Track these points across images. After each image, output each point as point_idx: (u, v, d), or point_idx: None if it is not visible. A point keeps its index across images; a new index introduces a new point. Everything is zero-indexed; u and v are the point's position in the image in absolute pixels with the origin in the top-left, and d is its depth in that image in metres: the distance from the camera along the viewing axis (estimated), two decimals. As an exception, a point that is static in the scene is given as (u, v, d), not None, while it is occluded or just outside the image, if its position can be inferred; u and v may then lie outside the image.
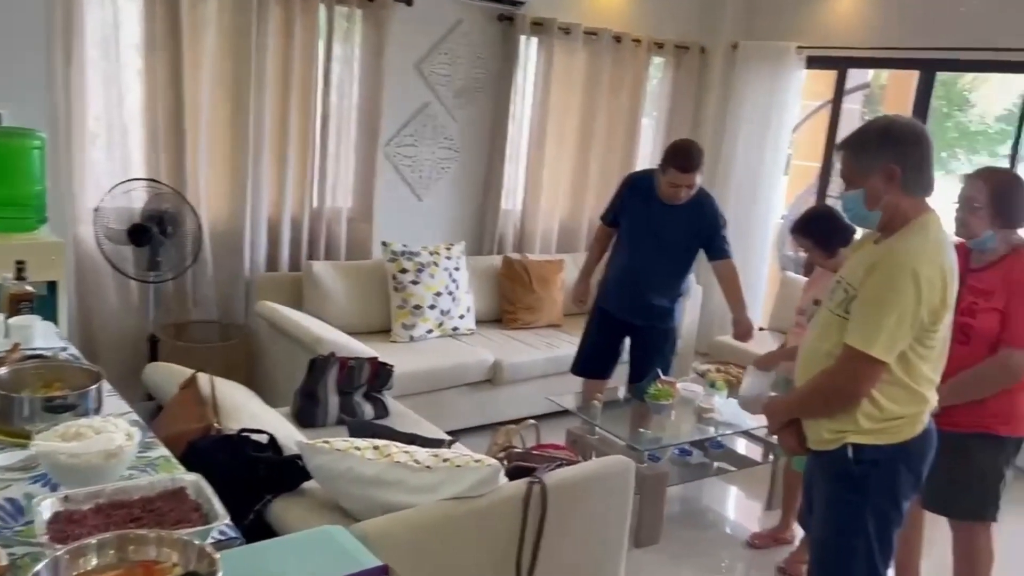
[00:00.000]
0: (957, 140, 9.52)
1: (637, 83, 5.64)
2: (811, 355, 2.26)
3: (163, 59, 3.93)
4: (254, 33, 4.10)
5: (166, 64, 3.94)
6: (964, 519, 2.80)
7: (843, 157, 2.20)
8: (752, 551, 3.58)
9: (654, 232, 3.79)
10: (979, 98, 9.84)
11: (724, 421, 3.67)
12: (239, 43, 4.11)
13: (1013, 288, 2.59)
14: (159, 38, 3.90)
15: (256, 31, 4.10)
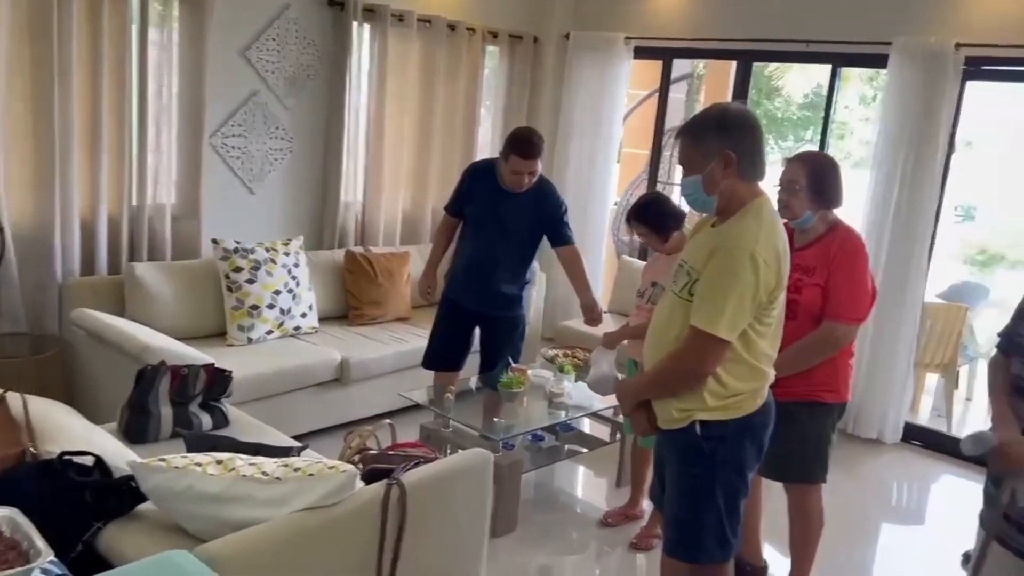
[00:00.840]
0: (767, 127, 10.21)
1: (473, 72, 5.62)
2: (659, 337, 2.32)
3: (-54, 42, 3.50)
4: (56, 15, 3.72)
5: (-50, 48, 3.51)
6: (797, 482, 2.99)
7: (681, 144, 2.26)
8: (605, 529, 3.67)
9: (498, 220, 3.79)
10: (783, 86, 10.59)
11: (574, 404, 3.73)
12: (37, 25, 3.72)
13: (832, 264, 2.78)
14: (-60, 18, 3.47)
15: (58, 13, 3.73)
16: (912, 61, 4.46)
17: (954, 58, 4.35)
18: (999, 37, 4.24)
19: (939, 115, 4.42)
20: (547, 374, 3.94)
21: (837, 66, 5.00)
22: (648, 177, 6.03)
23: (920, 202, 4.55)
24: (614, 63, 5.75)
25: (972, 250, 10.60)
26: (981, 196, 11.12)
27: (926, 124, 4.46)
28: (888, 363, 4.73)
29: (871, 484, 4.47)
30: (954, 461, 4.64)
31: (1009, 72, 4.56)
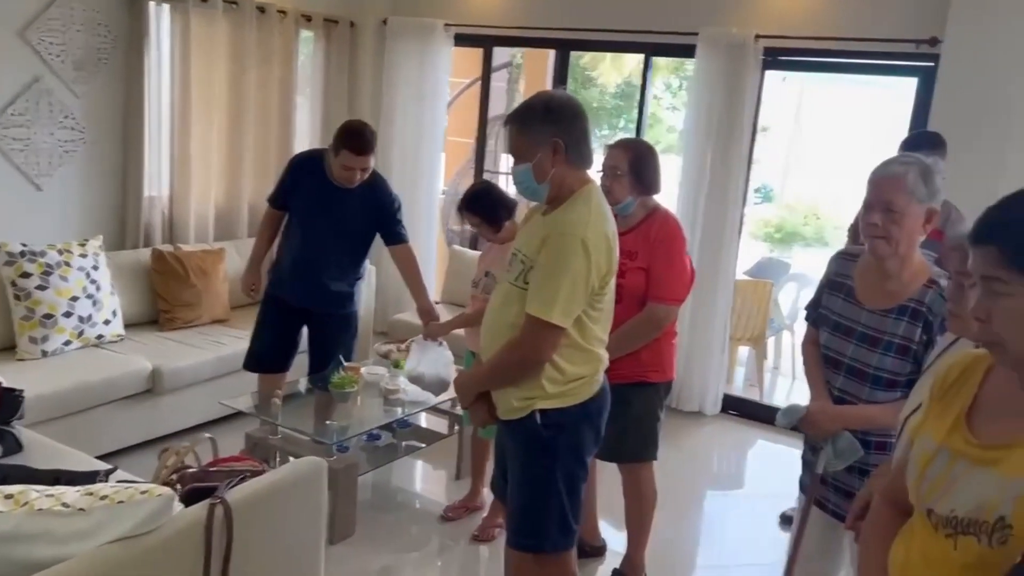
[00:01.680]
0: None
1: (287, 57, 5.36)
2: (495, 327, 2.28)
3: None
4: None
5: None
6: (631, 462, 3.07)
7: (509, 132, 2.23)
8: (447, 523, 3.62)
9: (328, 217, 3.60)
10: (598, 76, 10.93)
11: (411, 400, 3.64)
12: None
13: (652, 249, 2.86)
14: None
15: None
16: (717, 51, 4.70)
17: (754, 48, 4.62)
18: (793, 29, 4.54)
19: (743, 102, 4.68)
20: (381, 371, 3.83)
21: (649, 55, 5.18)
22: (475, 166, 6.01)
23: (728, 185, 4.81)
24: (434, 50, 5.66)
25: (770, 229, 11.46)
26: (776, 178, 12.05)
27: (731, 111, 4.71)
28: (706, 339, 4.98)
29: (695, 455, 4.70)
30: (768, 428, 4.96)
31: (802, 62, 4.91)
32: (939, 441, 1.37)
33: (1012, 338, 1.23)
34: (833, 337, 2.26)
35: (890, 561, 1.46)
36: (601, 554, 3.43)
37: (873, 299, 2.18)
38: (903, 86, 4.71)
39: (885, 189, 2.07)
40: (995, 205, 1.29)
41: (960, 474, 1.32)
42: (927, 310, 2.08)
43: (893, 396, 2.13)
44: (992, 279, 1.23)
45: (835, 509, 2.29)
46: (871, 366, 2.15)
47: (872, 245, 2.12)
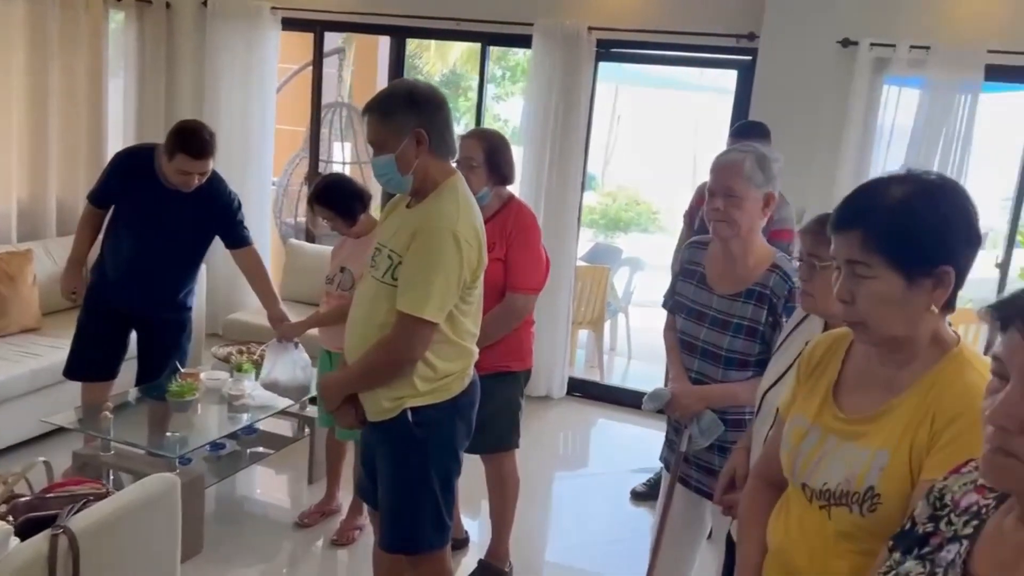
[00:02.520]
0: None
1: (95, 42, 4.91)
2: (363, 326, 2.20)
3: None
4: None
5: None
6: (493, 452, 3.07)
7: (370, 122, 2.15)
8: (302, 531, 3.47)
9: (161, 223, 3.30)
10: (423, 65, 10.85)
11: (258, 405, 3.45)
12: None
13: (509, 239, 2.87)
14: None
15: None
16: (553, 42, 4.77)
17: (588, 40, 4.74)
18: (624, 23, 4.69)
19: (579, 92, 4.79)
20: (223, 375, 3.60)
21: (486, 44, 5.19)
22: (309, 155, 5.78)
23: (568, 174, 4.91)
24: (261, 34, 5.37)
25: (595, 215, 11.89)
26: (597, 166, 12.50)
27: (569, 101, 4.81)
28: (551, 325, 5.08)
29: (545, 439, 4.79)
30: (609, 407, 5.16)
31: (633, 54, 5.10)
32: (811, 419, 1.46)
33: (875, 318, 1.32)
34: (688, 322, 2.37)
35: (768, 534, 1.54)
36: (464, 546, 3.42)
37: (722, 285, 2.31)
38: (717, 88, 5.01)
39: (725, 175, 2.20)
40: (857, 192, 1.38)
41: (831, 449, 1.40)
42: (771, 293, 2.22)
43: (745, 375, 2.26)
44: (856, 263, 1.30)
45: (698, 485, 2.40)
46: (723, 348, 2.27)
47: (715, 228, 2.24)
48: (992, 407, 0.86)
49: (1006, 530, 0.93)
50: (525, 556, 3.36)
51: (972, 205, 1.31)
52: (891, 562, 1.06)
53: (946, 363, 1.33)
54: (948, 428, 1.26)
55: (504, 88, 12.18)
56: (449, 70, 10.98)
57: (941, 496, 1.07)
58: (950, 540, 0.99)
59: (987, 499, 1.00)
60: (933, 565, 0.99)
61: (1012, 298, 0.89)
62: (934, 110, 4.21)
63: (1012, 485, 0.88)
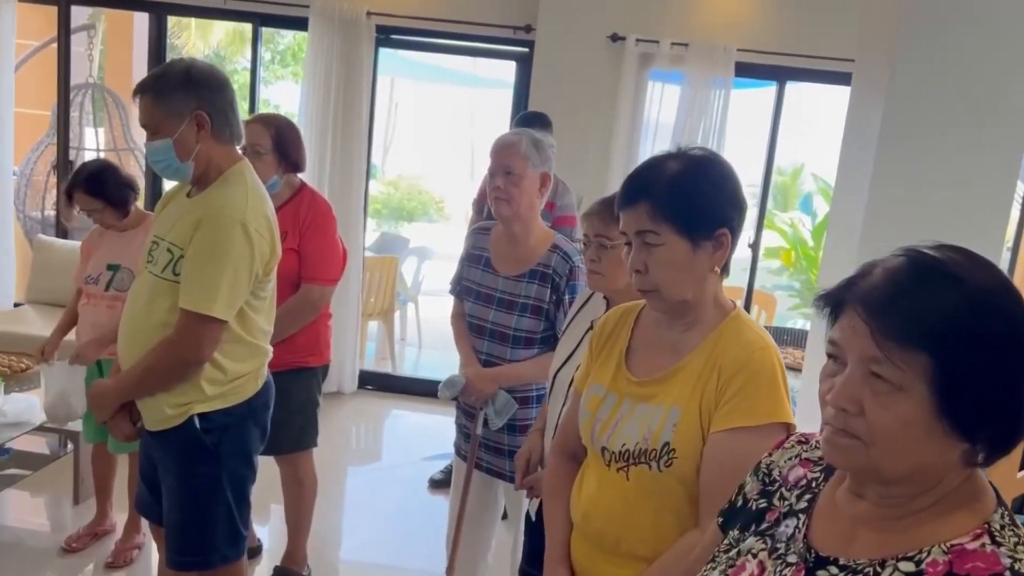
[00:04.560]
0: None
1: None
2: (139, 327, 2.00)
3: None
4: None
5: None
6: (290, 452, 2.93)
7: (143, 104, 1.96)
8: (72, 556, 3.12)
9: None
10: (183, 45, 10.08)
11: (10, 422, 3.06)
12: None
13: (303, 229, 2.75)
14: None
15: None
16: (330, 26, 4.62)
17: (367, 25, 4.64)
18: (405, 10, 4.65)
19: (359, 78, 4.68)
20: (-36, 391, 3.15)
21: (258, 25, 4.93)
22: (57, 141, 5.20)
23: (351, 161, 4.80)
24: (-7, 4, 4.75)
25: (378, 205, 11.77)
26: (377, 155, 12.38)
27: (350, 87, 4.69)
28: (341, 318, 4.92)
29: (337, 434, 4.67)
30: (402, 398, 5.14)
31: (414, 42, 5.06)
32: (606, 386, 1.53)
33: (667, 283, 1.42)
34: (476, 305, 2.41)
35: (572, 504, 1.59)
36: (258, 554, 3.25)
37: (507, 266, 2.38)
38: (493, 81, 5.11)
39: (504, 155, 2.30)
40: (637, 171, 1.47)
41: (626, 412, 1.48)
42: (553, 272, 2.32)
43: (532, 353, 2.35)
44: (645, 232, 1.40)
45: (488, 466, 2.45)
46: (510, 328, 2.34)
47: (496, 207, 2.33)
48: (834, 390, 0.88)
49: (839, 502, 0.96)
50: (322, 556, 3.25)
51: (735, 175, 1.46)
52: (730, 540, 1.07)
53: (727, 324, 1.45)
54: (732, 381, 1.38)
55: (273, 72, 11.67)
56: (212, 51, 10.34)
57: (769, 471, 1.09)
58: (786, 515, 1.01)
59: (814, 472, 1.03)
60: (774, 540, 1.00)
61: (847, 284, 0.91)
62: (693, 104, 4.58)
63: (852, 463, 0.90)
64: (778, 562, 0.97)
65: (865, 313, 0.86)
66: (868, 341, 0.85)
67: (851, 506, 0.94)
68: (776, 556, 0.98)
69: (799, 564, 0.94)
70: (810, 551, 0.95)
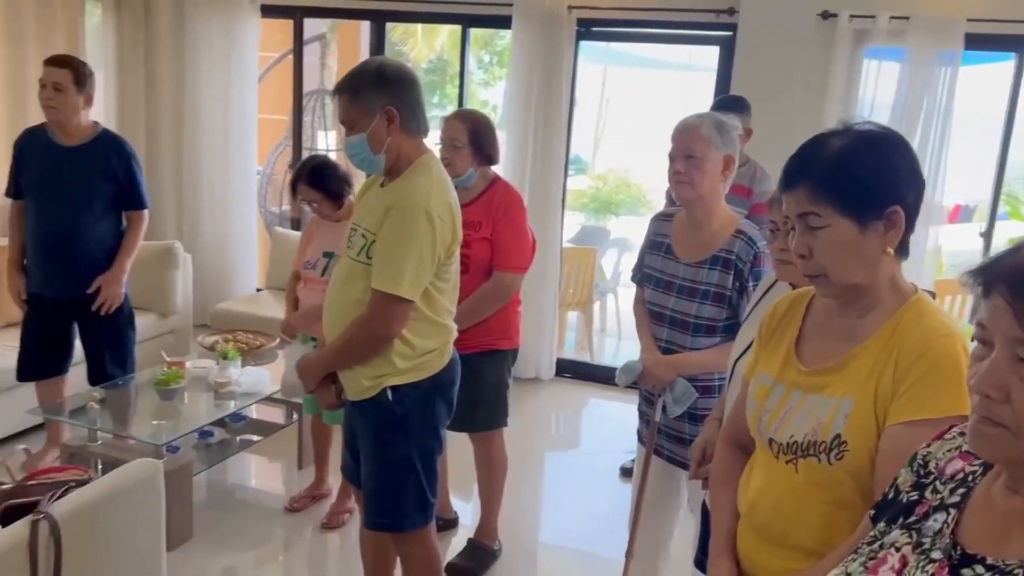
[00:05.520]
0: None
1: (72, 33, 4.89)
2: (338, 306, 2.20)
3: None
4: None
5: None
6: (482, 431, 3.08)
7: (340, 102, 2.15)
8: (293, 515, 3.48)
9: (58, 178, 3.28)
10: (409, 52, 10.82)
11: (245, 392, 3.46)
12: None
13: (496, 219, 2.87)
14: None
15: None
16: (532, 22, 4.75)
17: (568, 19, 4.72)
18: (604, 1, 4.67)
19: (560, 73, 4.77)
20: (209, 363, 3.60)
21: (466, 27, 5.17)
22: (292, 144, 5.77)
23: (551, 156, 4.90)
24: (240, 22, 5.35)
25: (585, 199, 11.88)
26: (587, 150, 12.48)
27: (550, 82, 4.79)
28: (538, 306, 5.08)
29: (534, 419, 4.81)
30: (600, 387, 5.17)
31: (614, 32, 5.08)
32: (775, 376, 1.48)
33: (834, 267, 1.34)
34: (656, 292, 2.40)
35: (739, 496, 1.55)
36: (454, 526, 3.44)
37: (688, 253, 2.35)
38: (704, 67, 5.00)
39: (684, 138, 2.27)
40: (797, 152, 1.41)
41: (796, 403, 1.42)
42: (736, 258, 2.25)
43: (714, 341, 2.30)
44: (808, 215, 1.33)
45: (670, 455, 2.43)
46: (691, 315, 2.30)
47: (678, 191, 2.29)
48: (977, 376, 0.84)
49: (995, 498, 0.91)
50: (515, 535, 3.37)
51: (911, 150, 1.36)
52: (875, 532, 1.03)
53: (906, 309, 1.35)
54: (911, 370, 1.28)
55: (492, 73, 12.13)
56: (436, 56, 10.95)
57: (925, 463, 1.04)
58: (936, 509, 0.96)
59: (973, 466, 0.98)
60: (919, 535, 0.95)
61: (993, 262, 0.86)
62: (915, 82, 4.21)
63: (1000, 454, 0.85)
64: (921, 557, 0.91)
65: (1008, 293, 0.78)
66: (1012, 323, 0.78)
67: (1006, 502, 0.87)
68: (920, 551, 0.92)
69: (943, 561, 0.88)
70: (956, 547, 0.88)
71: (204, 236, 5.52)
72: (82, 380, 3.58)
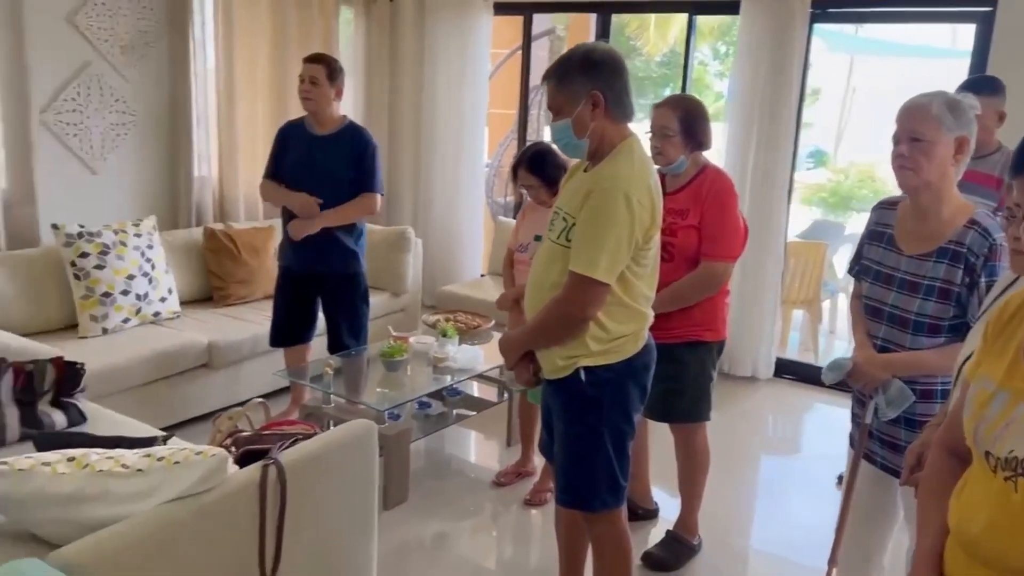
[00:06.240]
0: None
1: (327, 34, 5.38)
2: (538, 287, 2.27)
3: None
4: None
5: None
6: (683, 422, 3.03)
7: (548, 88, 2.20)
8: (499, 489, 3.64)
9: (312, 164, 3.74)
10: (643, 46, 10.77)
11: (460, 368, 3.66)
12: None
13: (705, 206, 2.81)
14: None
15: None
16: (760, 4, 4.57)
17: (801, 1, 4.48)
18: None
19: (791, 60, 4.55)
20: (430, 340, 3.85)
21: (693, 14, 5.07)
22: (517, 137, 5.98)
23: (777, 147, 4.69)
24: (474, 20, 5.63)
25: (824, 193, 11.19)
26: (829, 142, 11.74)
27: (779, 70, 4.58)
28: (757, 302, 4.90)
29: (749, 419, 4.64)
30: (824, 391, 4.86)
31: (853, 13, 4.75)
32: (998, 381, 1.33)
33: None
34: (874, 286, 2.22)
35: (949, 509, 1.42)
36: (654, 517, 3.41)
37: (912, 244, 2.14)
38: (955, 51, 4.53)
39: (910, 119, 2.04)
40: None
41: (1020, 415, 1.27)
42: (967, 251, 2.02)
43: (937, 341, 2.08)
44: None
45: (883, 462, 2.24)
46: (912, 312, 2.10)
47: (900, 178, 2.08)
48: None
49: None
50: (717, 533, 3.29)
51: None
52: None
53: None
54: None
55: (727, 64, 11.78)
56: (669, 49, 10.83)
57: None
58: None
59: None
60: None
61: None
62: None
63: None
64: None
65: None
66: None
67: None
68: None
69: None
70: None
71: (435, 223, 5.88)
72: (323, 349, 3.99)
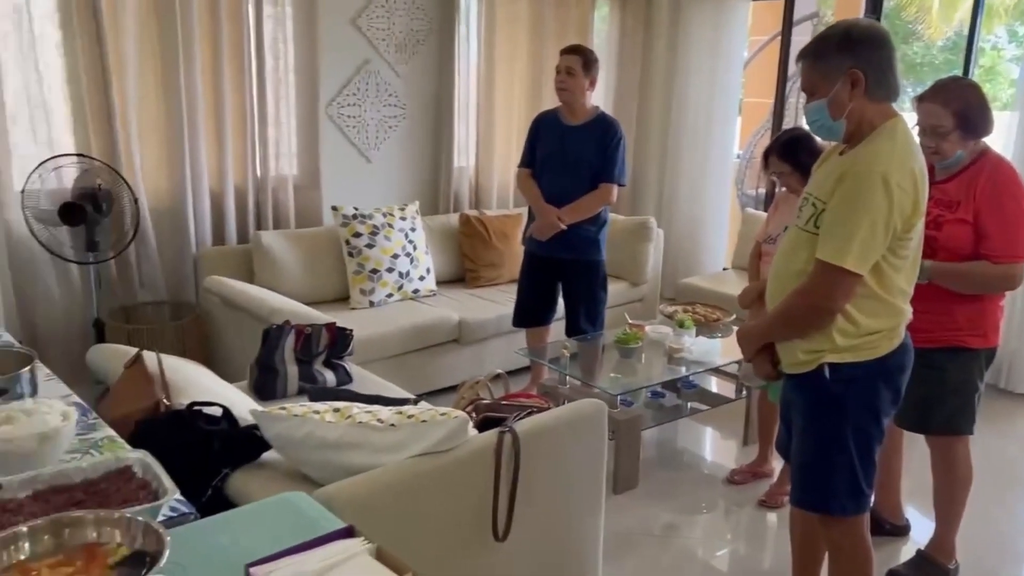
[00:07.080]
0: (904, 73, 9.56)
1: (583, 28, 5.50)
2: (780, 276, 2.18)
3: (82, 28, 3.70)
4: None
5: (86, 34, 3.71)
6: (940, 434, 2.77)
7: (803, 68, 2.10)
8: (732, 487, 3.55)
9: (562, 152, 3.86)
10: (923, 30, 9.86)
11: (695, 360, 3.61)
12: (162, 7, 3.89)
13: (979, 198, 2.51)
14: (76, 6, 3.66)
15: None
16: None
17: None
18: None
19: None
20: (666, 330, 3.84)
21: (980, -11, 4.57)
22: (772, 127, 5.74)
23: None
24: (730, 7, 5.48)
25: None
26: None
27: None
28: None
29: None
30: None
31: None
32: None
33: None
34: None
35: None
36: (903, 534, 3.16)
37: None
38: None
39: None
40: None
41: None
42: None
43: None
44: None
45: None
46: None
47: None
48: None
49: None
50: (980, 561, 2.97)
51: None
52: None
53: None
54: None
55: (1027, 47, 10.48)
56: (954, 33, 9.84)
57: None
58: None
59: None
60: None
61: None
62: None
63: None
64: None
65: None
66: None
67: None
68: None
69: None
70: None
71: (679, 214, 5.82)
72: (561, 332, 4.11)
